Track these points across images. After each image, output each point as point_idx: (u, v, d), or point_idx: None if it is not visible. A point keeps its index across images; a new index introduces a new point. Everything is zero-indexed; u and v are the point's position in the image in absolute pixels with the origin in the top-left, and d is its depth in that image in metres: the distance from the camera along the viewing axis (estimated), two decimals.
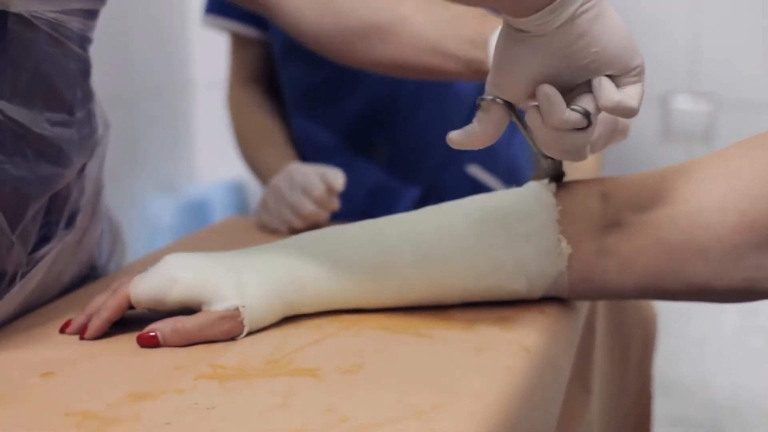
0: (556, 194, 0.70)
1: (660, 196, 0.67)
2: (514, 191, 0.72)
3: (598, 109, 0.63)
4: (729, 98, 1.75)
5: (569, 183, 0.71)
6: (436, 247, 0.68)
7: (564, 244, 0.68)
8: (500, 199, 0.71)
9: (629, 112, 0.62)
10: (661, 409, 1.58)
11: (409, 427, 0.51)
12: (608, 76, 0.62)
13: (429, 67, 0.93)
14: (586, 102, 0.62)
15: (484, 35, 0.90)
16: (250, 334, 0.65)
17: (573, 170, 0.80)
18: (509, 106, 0.64)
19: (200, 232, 1.03)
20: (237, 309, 0.64)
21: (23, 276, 0.70)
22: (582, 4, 0.58)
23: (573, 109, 0.62)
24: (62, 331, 0.67)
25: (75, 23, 0.72)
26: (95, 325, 0.66)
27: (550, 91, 0.61)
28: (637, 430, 1.08)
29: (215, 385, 0.57)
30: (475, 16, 0.92)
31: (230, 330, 0.64)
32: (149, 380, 0.58)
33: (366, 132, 1.29)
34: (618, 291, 0.69)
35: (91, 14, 0.75)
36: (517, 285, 0.69)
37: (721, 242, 0.64)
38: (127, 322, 0.67)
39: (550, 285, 0.69)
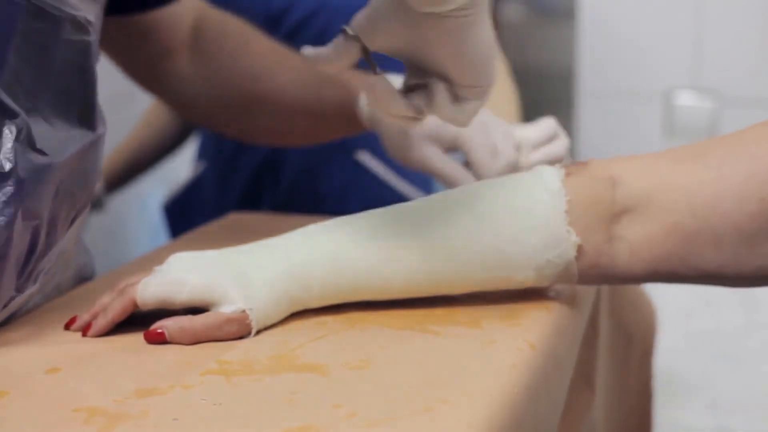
0: (565, 180, 0.68)
1: (674, 181, 0.66)
2: (523, 178, 0.70)
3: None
4: (732, 95, 1.74)
5: (579, 167, 0.69)
6: (442, 241, 0.68)
7: (573, 235, 0.67)
8: (508, 189, 0.69)
9: (456, 123, 0.69)
10: (664, 408, 1.58)
11: (416, 423, 0.51)
12: (450, 82, 0.67)
13: (303, 130, 1.03)
14: (420, 99, 0.68)
15: (352, 93, 0.97)
16: None
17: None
18: (365, 49, 0.67)
19: (203, 228, 1.03)
20: (245, 312, 0.64)
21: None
22: (462, 8, 0.62)
23: (408, 104, 0.68)
24: (67, 327, 0.68)
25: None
26: (100, 324, 0.66)
27: (383, 82, 0.67)
28: (639, 428, 1.08)
29: (222, 381, 0.57)
30: (339, 81, 0.98)
31: (238, 332, 0.64)
32: (156, 376, 0.58)
33: None
34: (627, 276, 0.68)
35: None
36: (524, 276, 0.69)
37: (737, 229, 0.64)
38: (133, 319, 0.67)
39: (559, 273, 0.69)
